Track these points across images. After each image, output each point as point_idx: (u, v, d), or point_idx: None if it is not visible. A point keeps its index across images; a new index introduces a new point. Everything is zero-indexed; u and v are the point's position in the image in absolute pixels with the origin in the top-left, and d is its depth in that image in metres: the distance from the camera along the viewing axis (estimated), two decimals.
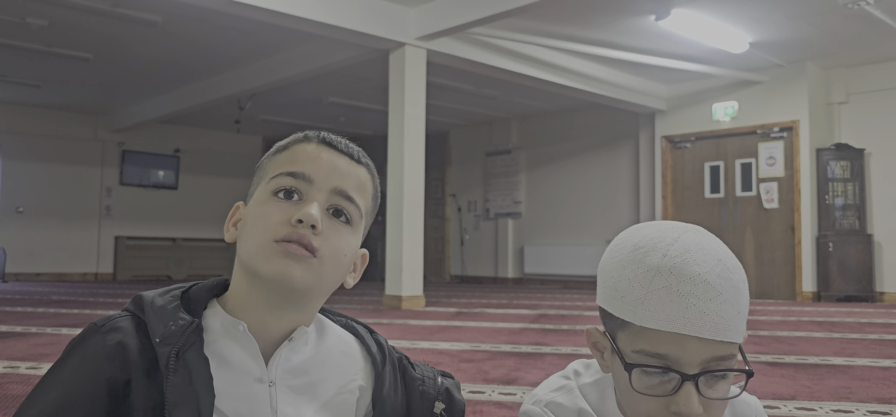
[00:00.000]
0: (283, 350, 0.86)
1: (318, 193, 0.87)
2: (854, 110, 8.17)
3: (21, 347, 3.38)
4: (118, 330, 0.82)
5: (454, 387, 1.01)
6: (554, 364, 3.07)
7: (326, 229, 0.86)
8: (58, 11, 6.35)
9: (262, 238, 0.84)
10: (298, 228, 0.83)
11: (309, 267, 0.84)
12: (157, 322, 0.82)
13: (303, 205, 0.85)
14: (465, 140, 11.90)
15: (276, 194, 0.86)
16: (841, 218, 7.87)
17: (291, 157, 0.89)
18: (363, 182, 0.92)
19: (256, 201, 0.88)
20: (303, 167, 0.87)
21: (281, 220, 0.84)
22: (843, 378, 2.83)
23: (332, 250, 0.86)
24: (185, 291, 0.88)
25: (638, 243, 0.81)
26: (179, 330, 0.81)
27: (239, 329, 0.85)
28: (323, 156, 0.89)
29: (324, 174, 0.88)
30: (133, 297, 0.88)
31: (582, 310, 6.03)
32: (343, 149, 0.92)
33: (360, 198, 0.91)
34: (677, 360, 0.76)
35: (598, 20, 6.61)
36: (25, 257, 10.53)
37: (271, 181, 0.87)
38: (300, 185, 0.86)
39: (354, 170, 0.91)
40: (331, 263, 0.86)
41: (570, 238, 10.37)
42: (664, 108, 9.11)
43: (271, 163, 0.91)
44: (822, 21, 6.58)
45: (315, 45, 7.12)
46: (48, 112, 10.77)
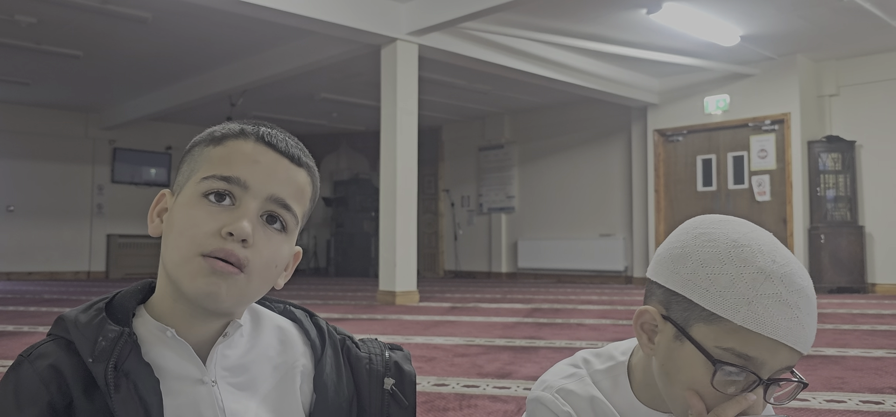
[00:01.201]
0: (218, 347, 0.82)
1: (252, 201, 0.80)
2: (845, 102, 8.20)
3: (13, 346, 3.36)
4: (46, 356, 0.77)
5: (404, 360, 0.97)
6: (548, 357, 3.07)
7: (258, 240, 0.80)
8: (47, 8, 6.31)
9: (188, 249, 0.78)
10: (228, 242, 0.77)
11: (235, 284, 0.78)
12: (84, 340, 0.77)
13: (235, 214, 0.79)
14: (457, 135, 11.89)
15: (207, 196, 0.80)
16: (832, 210, 7.90)
17: (226, 157, 0.82)
18: (302, 187, 0.86)
19: (185, 201, 0.81)
20: (238, 171, 0.80)
21: (210, 231, 0.78)
22: (836, 368, 2.84)
23: (263, 262, 0.81)
24: (109, 301, 0.83)
25: (737, 240, 0.80)
26: (110, 345, 0.77)
27: (167, 335, 0.80)
28: (260, 160, 0.82)
29: (260, 180, 0.81)
30: (55, 320, 0.82)
31: (576, 304, 6.04)
32: (283, 151, 0.84)
33: (297, 204, 0.85)
34: (762, 364, 0.76)
35: (589, 14, 6.61)
36: (17, 256, 10.48)
37: (202, 182, 0.80)
38: (234, 190, 0.80)
39: (294, 175, 0.84)
40: (259, 276, 0.81)
41: (564, 232, 10.38)
42: (656, 102, 9.13)
43: (203, 156, 0.83)
44: (813, 14, 6.60)
45: (306, 41, 7.10)
46: (38, 110, 10.71)
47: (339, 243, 12.60)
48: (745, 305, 0.75)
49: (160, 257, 0.83)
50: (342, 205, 12.62)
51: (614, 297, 6.92)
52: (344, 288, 8.63)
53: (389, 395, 0.92)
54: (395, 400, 0.92)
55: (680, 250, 0.82)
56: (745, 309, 0.75)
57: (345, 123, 11.51)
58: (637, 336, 0.87)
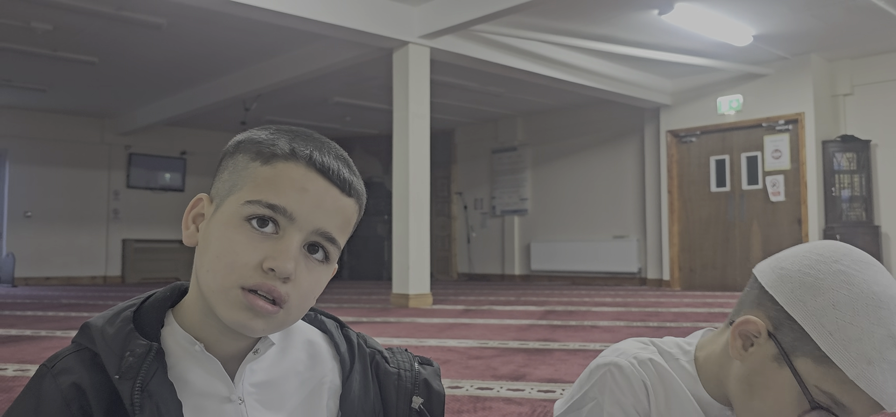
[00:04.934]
0: (248, 364, 0.80)
1: (297, 233, 0.76)
2: (859, 102, 8.14)
3: (31, 350, 3.40)
4: (69, 371, 0.74)
5: (433, 376, 0.94)
6: (562, 359, 3.07)
7: (299, 272, 0.76)
8: (62, 15, 6.38)
9: (227, 278, 0.74)
10: (269, 277, 0.74)
11: (273, 320, 0.76)
12: (111, 354, 0.74)
13: (278, 247, 0.75)
14: (470, 137, 11.90)
15: (249, 220, 0.76)
16: (848, 210, 7.84)
17: (274, 181, 0.76)
18: (349, 217, 0.81)
19: (225, 221, 0.77)
20: (285, 199, 0.75)
21: (251, 262, 0.74)
22: None
23: (302, 295, 0.77)
24: (137, 308, 0.80)
25: (878, 293, 0.77)
26: (138, 361, 0.74)
27: (196, 349, 0.78)
28: (309, 188, 0.77)
29: (307, 211, 0.76)
30: (80, 327, 0.79)
31: (589, 306, 6.03)
32: (334, 179, 0.78)
33: (342, 235, 0.81)
34: (851, 413, 0.77)
35: (601, 15, 6.60)
36: (34, 261, 10.58)
37: (246, 205, 0.76)
38: (279, 219, 0.76)
39: (343, 205, 0.80)
40: (297, 309, 0.78)
41: (577, 234, 10.37)
42: (669, 103, 9.10)
43: (248, 173, 0.78)
44: (826, 13, 6.56)
45: (319, 45, 7.13)
46: (54, 116, 10.82)
47: (353, 246, 12.63)
48: (865, 364, 0.73)
49: (194, 268, 0.80)
50: None
51: (628, 299, 6.90)
52: (357, 291, 8.66)
53: (417, 413, 0.90)
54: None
55: (813, 280, 0.79)
56: (864, 368, 0.73)
57: (357, 127, 11.55)
58: (732, 337, 0.85)
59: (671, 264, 9.11)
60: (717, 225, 8.80)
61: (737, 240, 8.61)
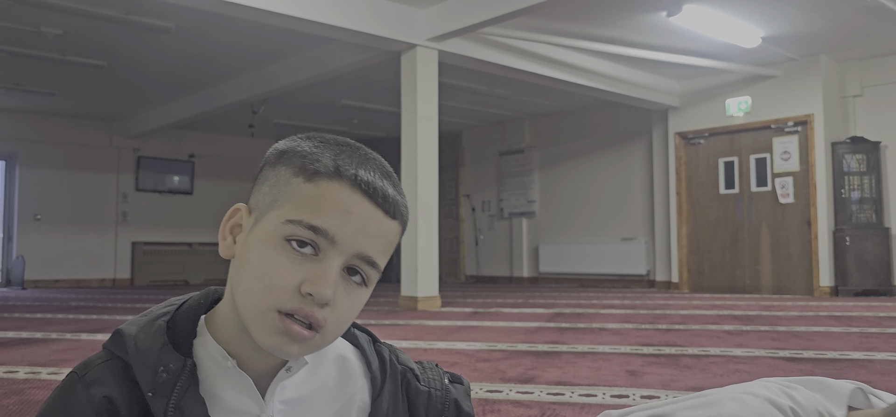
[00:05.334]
0: (279, 381, 0.79)
1: (337, 256, 0.73)
2: (869, 103, 8.10)
3: (42, 353, 3.42)
4: (101, 382, 0.72)
5: (463, 396, 0.92)
6: (571, 362, 3.07)
7: (338, 296, 0.74)
8: (72, 20, 6.41)
9: (263, 301, 0.72)
10: (307, 302, 0.72)
11: (308, 344, 0.74)
12: (144, 368, 0.73)
13: (317, 270, 0.72)
14: (478, 140, 11.90)
15: (289, 240, 0.73)
16: (857, 212, 7.80)
17: (317, 201, 0.73)
18: (392, 240, 0.78)
19: (264, 239, 0.74)
20: (327, 221, 0.73)
21: (289, 286, 0.72)
22: (863, 372, 2.81)
23: (339, 319, 0.75)
24: (171, 317, 0.78)
25: None
26: (172, 377, 0.73)
27: (228, 365, 0.76)
28: (354, 211, 0.74)
29: (350, 235, 0.74)
30: (113, 333, 0.77)
31: (598, 308, 6.01)
32: (380, 202, 0.75)
33: (383, 259, 0.78)
34: None
35: (609, 17, 6.59)
36: (44, 264, 10.63)
37: (286, 225, 0.73)
38: (319, 241, 0.73)
39: (387, 229, 0.77)
40: (333, 333, 0.76)
41: (585, 236, 10.35)
42: (677, 105, 9.07)
43: (290, 189, 0.75)
44: (835, 14, 6.53)
45: (327, 48, 7.15)
46: (64, 120, 10.88)
47: None
48: None
49: (230, 282, 0.78)
50: None
51: (637, 301, 6.88)
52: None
53: None
54: None
55: None
56: None
57: (365, 129, 11.56)
58: None
59: (679, 266, 9.08)
60: (726, 227, 8.76)
61: (746, 243, 8.57)
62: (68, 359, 3.16)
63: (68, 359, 3.16)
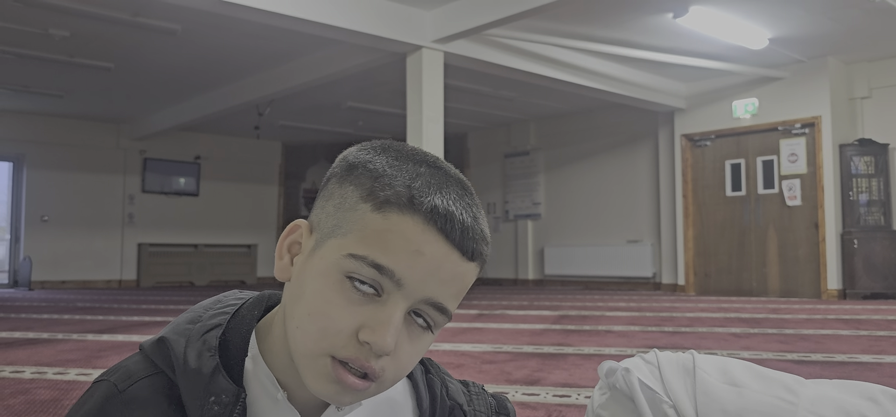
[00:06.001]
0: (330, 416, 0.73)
1: (403, 301, 0.65)
2: (877, 105, 8.06)
3: (48, 353, 3.42)
4: (142, 405, 0.65)
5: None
6: (576, 364, 3.06)
7: (401, 343, 0.66)
8: (79, 22, 6.43)
9: (317, 344, 0.65)
10: (363, 350, 0.64)
11: (362, 395, 0.67)
12: (192, 395, 0.66)
13: (378, 316, 0.64)
14: (483, 142, 11.89)
15: (351, 278, 0.65)
16: (866, 215, 7.76)
17: (385, 236, 0.64)
18: (467, 283, 0.69)
19: (324, 270, 0.66)
20: (395, 263, 0.64)
21: (346, 330, 0.64)
22: (872, 375, 2.79)
23: (398, 368, 0.67)
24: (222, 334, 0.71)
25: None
26: (224, 411, 0.66)
27: (278, 397, 0.69)
28: (426, 251, 0.64)
29: (419, 279, 0.65)
30: (157, 342, 0.70)
31: (603, 311, 6.00)
32: (457, 242, 0.66)
33: (454, 303, 0.69)
34: None
35: (615, 19, 6.58)
36: (51, 265, 10.67)
37: (349, 259, 0.65)
38: (384, 282, 0.64)
39: (462, 272, 0.67)
40: (391, 381, 0.68)
41: (591, 238, 10.32)
42: (683, 107, 9.05)
43: (357, 216, 0.66)
44: (843, 15, 6.51)
45: (332, 50, 7.15)
46: (71, 121, 10.92)
47: None
48: None
49: (284, 309, 0.70)
50: None
51: (643, 304, 6.86)
52: None
53: None
54: None
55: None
56: None
57: (370, 131, 11.56)
58: None
59: (686, 269, 9.05)
60: (733, 229, 8.73)
61: (752, 245, 8.54)
62: (74, 360, 3.16)
63: (74, 360, 3.16)
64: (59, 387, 2.50)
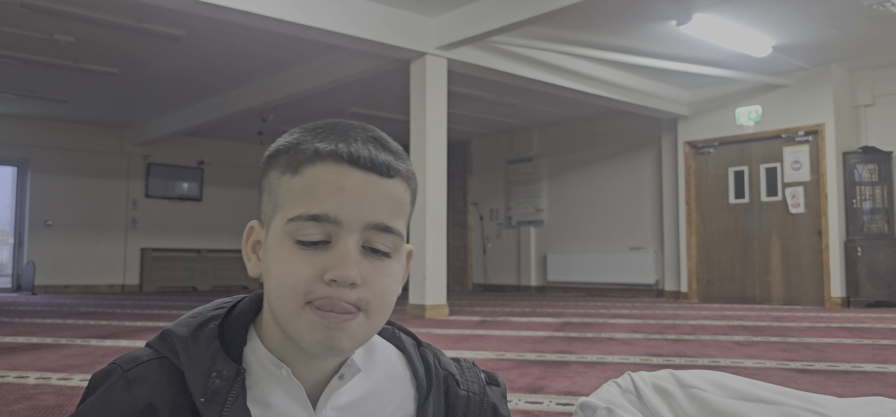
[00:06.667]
0: (332, 391, 0.77)
1: (348, 235, 0.72)
2: (881, 112, 8.05)
3: (52, 358, 3.43)
4: (145, 382, 0.70)
5: (500, 400, 0.91)
6: (579, 372, 3.05)
7: (367, 274, 0.72)
8: (84, 28, 6.46)
9: (293, 301, 0.71)
10: (334, 288, 0.70)
11: (355, 329, 0.72)
12: (195, 374, 0.71)
13: (334, 255, 0.71)
14: (486, 148, 11.90)
15: (298, 239, 0.72)
16: (869, 223, 7.75)
17: (308, 190, 0.72)
18: (400, 200, 0.76)
19: (276, 244, 0.74)
20: (325, 207, 0.71)
21: (311, 277, 0.71)
22: (876, 384, 2.78)
23: (379, 295, 0.73)
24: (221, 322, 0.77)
25: None
26: (225, 384, 0.71)
27: (282, 373, 0.74)
28: (346, 184, 0.72)
29: (351, 210, 0.72)
30: (161, 333, 0.76)
31: (606, 318, 5.99)
32: (369, 166, 0.73)
33: (399, 220, 0.75)
34: None
35: (619, 26, 6.58)
36: (54, 269, 10.69)
37: (289, 224, 0.72)
38: (327, 229, 0.72)
39: (389, 190, 0.74)
40: (379, 311, 0.74)
41: (594, 245, 10.32)
42: (687, 114, 9.05)
43: (283, 188, 0.74)
44: (847, 23, 6.51)
45: (336, 56, 7.17)
46: (75, 126, 10.95)
47: None
48: None
49: (265, 295, 0.77)
50: None
51: (646, 311, 6.85)
52: None
53: None
54: None
55: None
56: None
57: None
58: None
59: (689, 276, 9.04)
60: (736, 236, 8.72)
61: (755, 252, 8.53)
62: (78, 365, 3.17)
63: (78, 365, 3.17)
64: (64, 393, 2.50)
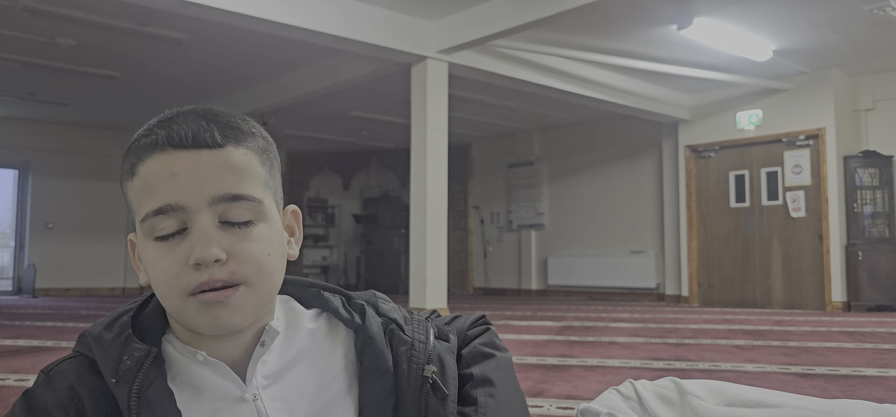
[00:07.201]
0: (257, 359, 0.77)
1: (198, 216, 0.71)
2: (881, 116, 8.05)
3: (52, 361, 3.43)
4: (65, 375, 0.73)
5: (447, 352, 0.87)
6: (580, 376, 3.05)
7: (233, 246, 0.71)
8: (86, 31, 6.47)
9: (173, 296, 0.71)
10: (203, 271, 0.70)
11: (240, 301, 0.72)
12: (106, 359, 0.72)
13: (191, 239, 0.71)
14: (487, 152, 11.90)
15: (155, 237, 0.72)
16: (870, 227, 7.74)
17: (145, 188, 0.72)
18: (242, 165, 0.74)
19: (142, 248, 0.75)
20: (163, 197, 0.71)
21: (179, 267, 0.71)
22: (877, 389, 2.78)
23: (253, 263, 0.72)
24: (134, 315, 0.78)
25: None
26: (136, 364, 0.72)
27: (199, 359, 0.75)
28: (178, 170, 0.71)
29: (191, 191, 0.71)
30: (79, 336, 0.77)
31: (607, 321, 5.99)
32: (192, 143, 0.72)
33: (249, 185, 0.74)
34: None
35: (619, 30, 6.59)
36: (55, 272, 10.69)
37: (143, 224, 0.73)
38: (175, 218, 0.71)
39: (223, 160, 0.73)
40: (259, 278, 0.73)
41: (594, 249, 10.32)
42: (687, 118, 9.05)
43: (130, 195, 0.75)
44: (847, 27, 6.51)
45: (337, 60, 7.18)
46: (76, 129, 10.96)
47: (369, 260, 12.65)
48: None
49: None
50: (372, 221, 12.68)
51: (646, 315, 6.85)
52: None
53: (429, 383, 0.84)
54: (434, 390, 0.83)
55: None
56: None
57: (375, 141, 11.59)
58: None
59: (690, 280, 9.04)
60: (737, 240, 8.72)
61: (756, 256, 8.53)
62: None
63: None
64: None
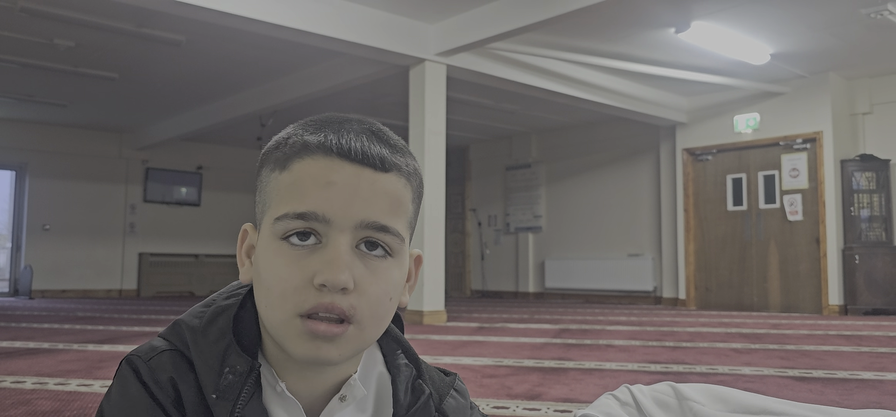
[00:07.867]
0: (333, 411, 0.72)
1: (339, 235, 0.66)
2: (878, 120, 8.07)
3: (49, 363, 3.42)
4: (164, 368, 0.67)
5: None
6: (577, 379, 3.05)
7: (361, 278, 0.66)
8: (84, 32, 6.46)
9: (283, 310, 0.66)
10: (325, 294, 0.65)
11: (345, 341, 0.67)
12: (207, 369, 0.67)
13: (324, 257, 0.65)
14: (484, 154, 11.91)
15: (287, 239, 0.67)
16: (867, 230, 7.76)
17: (295, 186, 0.67)
18: (398, 196, 0.69)
19: (265, 246, 0.68)
20: (312, 203, 0.66)
21: (300, 283, 0.65)
22: (874, 392, 2.78)
23: (373, 303, 0.67)
24: (235, 314, 0.72)
25: None
26: (238, 380, 0.67)
27: (277, 390, 0.70)
28: (335, 179, 0.66)
29: (341, 207, 0.66)
30: (173, 324, 0.72)
31: (604, 324, 5.99)
32: (360, 159, 0.67)
33: (398, 221, 0.69)
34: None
35: (617, 34, 6.60)
36: (51, 274, 10.67)
37: (277, 223, 0.67)
38: (315, 227, 0.66)
39: (383, 186, 0.68)
40: (372, 320, 0.68)
41: (592, 252, 10.32)
42: (685, 121, 9.07)
43: (271, 186, 0.70)
44: (845, 31, 6.53)
45: (336, 62, 7.18)
46: (74, 131, 10.95)
47: None
48: None
49: (256, 302, 0.72)
50: None
51: (644, 318, 6.85)
52: None
53: None
54: None
55: None
56: None
57: None
58: None
59: (687, 283, 9.04)
60: (734, 244, 8.73)
61: (754, 260, 8.54)
62: (75, 370, 3.16)
63: (75, 370, 3.16)
64: (61, 398, 2.50)
